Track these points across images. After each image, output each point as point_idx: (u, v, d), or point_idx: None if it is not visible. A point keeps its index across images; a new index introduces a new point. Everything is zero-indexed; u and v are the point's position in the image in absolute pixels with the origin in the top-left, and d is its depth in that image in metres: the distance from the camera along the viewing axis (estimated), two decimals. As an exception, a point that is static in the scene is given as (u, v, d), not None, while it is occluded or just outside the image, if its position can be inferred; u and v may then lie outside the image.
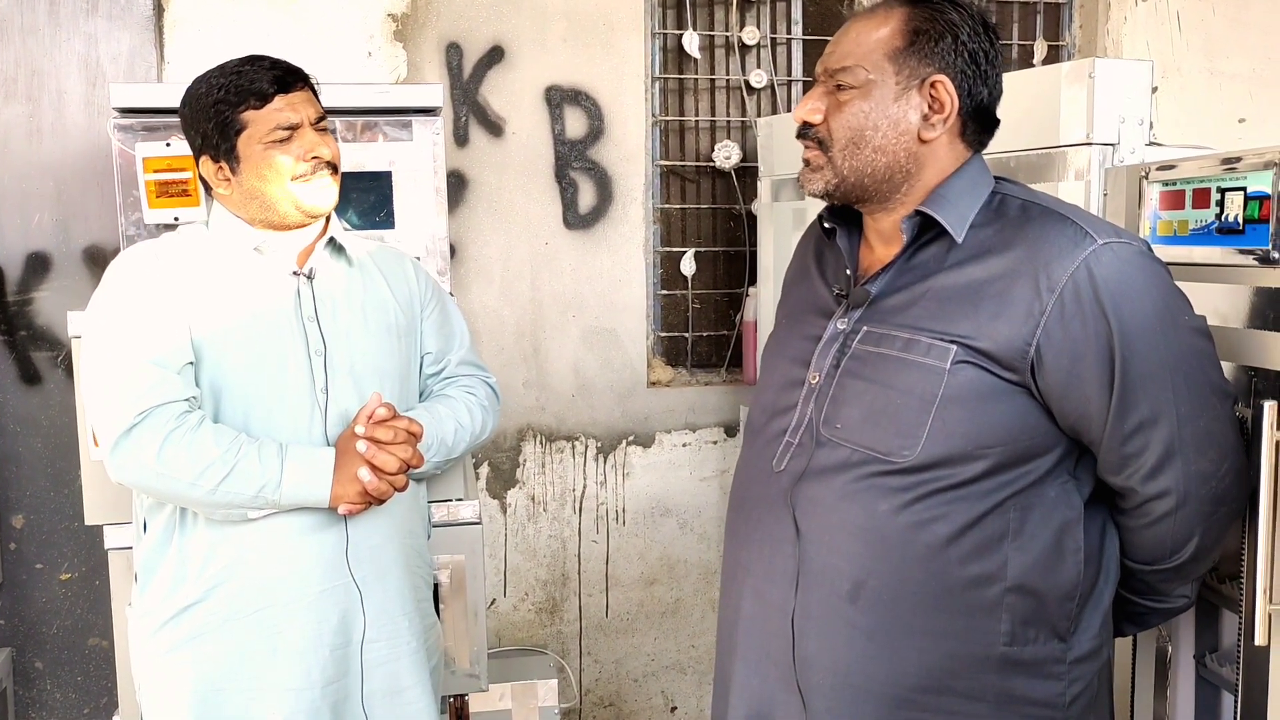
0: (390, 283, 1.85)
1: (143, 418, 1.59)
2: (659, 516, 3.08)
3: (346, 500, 1.66)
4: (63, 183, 2.65)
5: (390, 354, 1.80)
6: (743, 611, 1.46)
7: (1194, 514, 1.32)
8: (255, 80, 1.66)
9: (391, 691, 1.79)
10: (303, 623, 1.69)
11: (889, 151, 1.34)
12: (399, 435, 1.69)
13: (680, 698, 3.17)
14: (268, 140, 1.66)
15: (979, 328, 1.28)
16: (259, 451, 1.63)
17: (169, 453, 1.58)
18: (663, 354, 3.12)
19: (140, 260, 1.71)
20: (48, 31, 2.62)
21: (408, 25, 2.76)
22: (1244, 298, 1.43)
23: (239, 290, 1.70)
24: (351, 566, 1.73)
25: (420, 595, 1.86)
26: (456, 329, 1.97)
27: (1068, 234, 1.28)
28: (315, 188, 1.70)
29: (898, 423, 1.31)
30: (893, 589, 1.32)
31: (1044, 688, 1.35)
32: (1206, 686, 1.61)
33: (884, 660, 1.33)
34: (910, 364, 1.31)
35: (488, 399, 1.95)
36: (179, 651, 1.69)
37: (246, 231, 1.73)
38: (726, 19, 3.05)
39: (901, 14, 1.34)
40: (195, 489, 1.60)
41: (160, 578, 1.71)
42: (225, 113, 1.66)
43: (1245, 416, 1.40)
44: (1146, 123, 1.73)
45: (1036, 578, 1.32)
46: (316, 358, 1.71)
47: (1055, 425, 1.31)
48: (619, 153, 2.94)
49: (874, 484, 1.32)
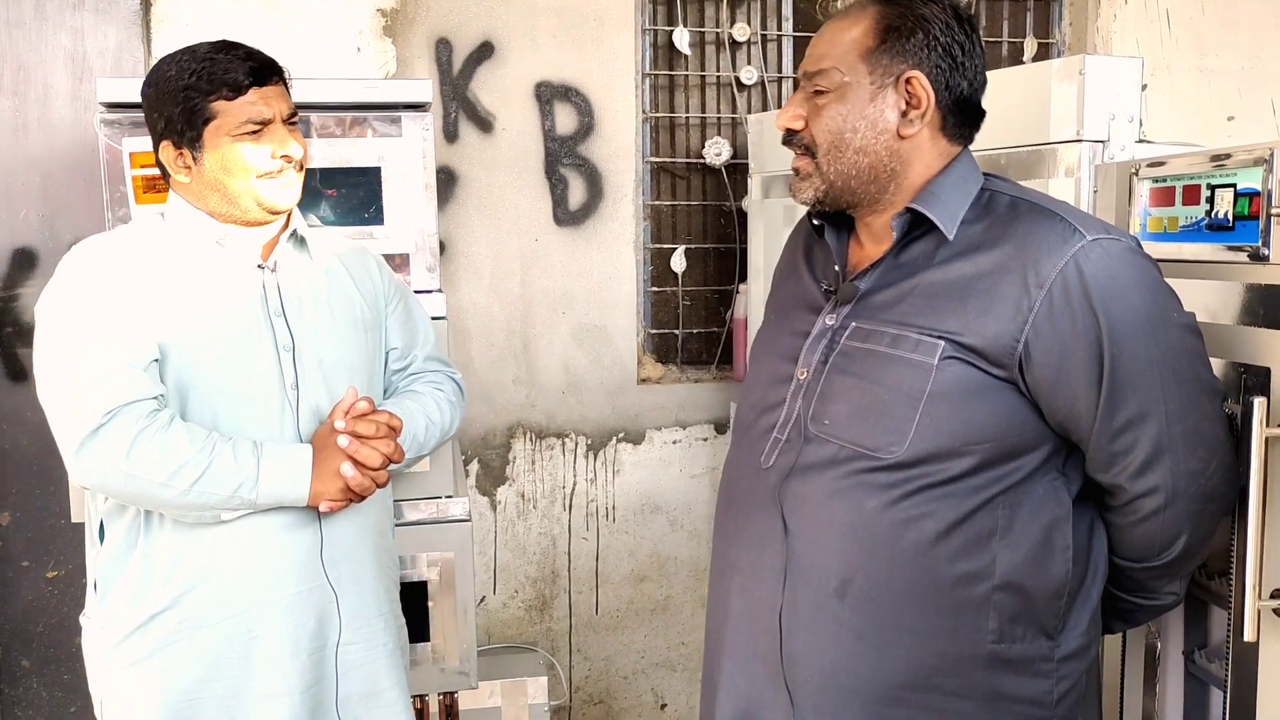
0: (354, 277, 1.81)
1: (110, 417, 1.52)
2: (649, 513, 3.08)
3: (328, 497, 1.62)
4: (49, 178, 2.64)
5: (357, 349, 1.76)
6: (730, 609, 1.46)
7: (1183, 511, 1.32)
8: (230, 70, 1.60)
9: (369, 694, 1.75)
10: (279, 627, 1.64)
11: (871, 152, 1.34)
12: (380, 429, 1.66)
13: (670, 695, 3.17)
14: (237, 133, 1.60)
15: (967, 324, 1.28)
16: (234, 450, 1.57)
17: (139, 453, 1.51)
18: (653, 351, 3.12)
19: (97, 253, 1.63)
20: (34, 25, 2.60)
21: (397, 21, 2.75)
22: (1234, 294, 1.43)
23: (203, 284, 1.64)
24: (326, 568, 1.69)
25: (392, 595, 1.83)
26: (420, 325, 1.93)
27: (1056, 230, 1.28)
28: (280, 186, 1.64)
29: (885, 419, 1.30)
30: (880, 586, 1.32)
31: (1032, 685, 1.35)
32: (1195, 683, 1.61)
33: (871, 658, 1.33)
34: (898, 360, 1.31)
35: (454, 395, 1.92)
36: (147, 663, 1.63)
37: (208, 224, 1.66)
38: (717, 15, 3.05)
39: (873, 13, 1.34)
40: (167, 490, 1.53)
41: (123, 585, 1.63)
42: (195, 99, 1.59)
43: (1235, 413, 1.40)
44: (1137, 120, 1.73)
45: (1024, 575, 1.32)
46: (285, 353, 1.66)
47: (1044, 422, 1.31)
48: (609, 149, 2.93)
49: (862, 480, 1.31)
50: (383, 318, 1.85)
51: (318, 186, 2.19)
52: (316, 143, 2.18)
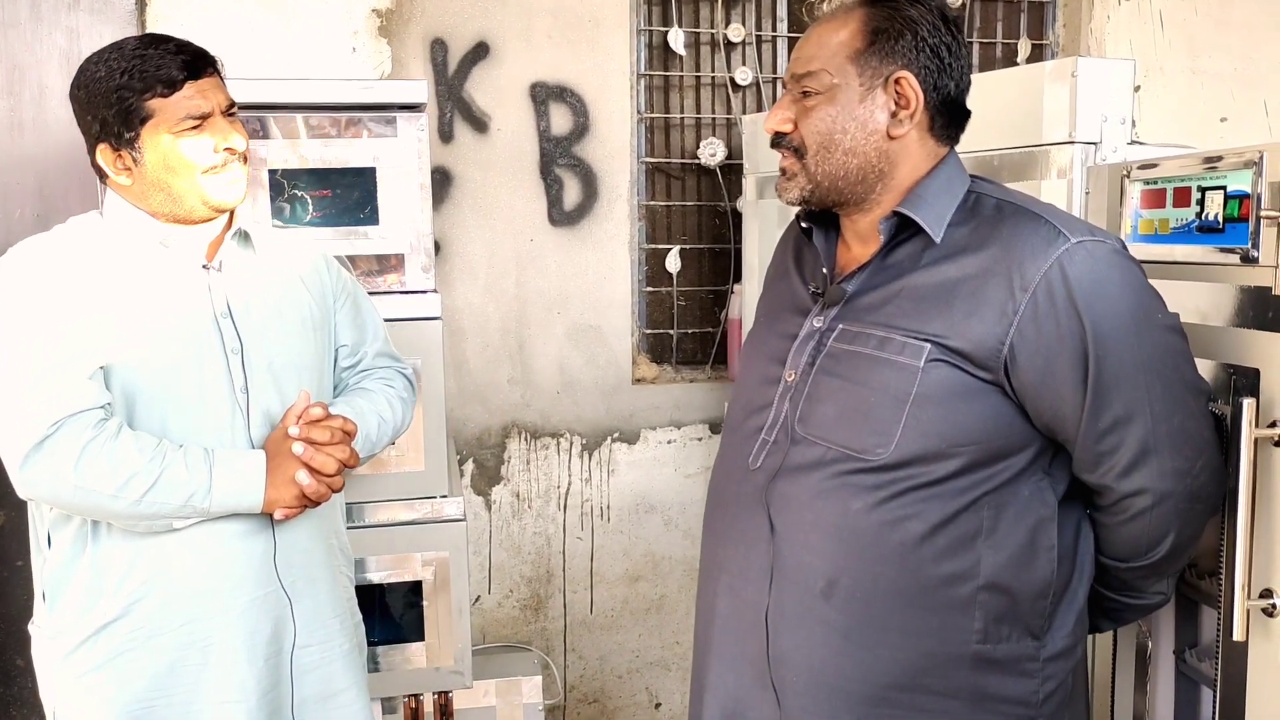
0: (301, 275, 1.76)
1: (56, 428, 1.47)
2: (644, 513, 3.08)
3: (282, 505, 1.59)
4: (44, 177, 2.64)
5: (307, 349, 1.72)
6: (718, 608, 1.46)
7: (1170, 511, 1.33)
8: (163, 65, 1.53)
9: (325, 696, 1.73)
10: (234, 634, 1.61)
11: (860, 153, 1.35)
12: (335, 435, 1.63)
13: (664, 694, 3.17)
14: (177, 130, 1.54)
15: (953, 326, 1.29)
16: (185, 458, 1.53)
17: (87, 464, 1.47)
18: (648, 351, 3.12)
19: (35, 257, 1.57)
20: (29, 25, 2.60)
21: (392, 21, 2.75)
22: (1224, 296, 1.44)
23: (146, 288, 1.59)
24: (280, 572, 1.66)
25: (347, 594, 1.81)
26: (370, 320, 1.90)
27: (1041, 233, 1.28)
28: (226, 180, 1.60)
29: (871, 421, 1.31)
30: (866, 587, 1.32)
31: (1017, 685, 1.35)
32: (1186, 682, 1.62)
33: (857, 658, 1.33)
34: (884, 362, 1.31)
35: (406, 390, 1.89)
36: (99, 672, 1.58)
37: (150, 224, 1.61)
38: (712, 16, 3.06)
39: (860, 15, 1.35)
40: (118, 501, 1.49)
41: (71, 595, 1.59)
42: (129, 99, 1.53)
43: (1225, 414, 1.41)
44: (1129, 121, 1.73)
45: (1009, 576, 1.32)
46: (234, 356, 1.62)
47: (1030, 424, 1.31)
48: (604, 149, 2.94)
49: (848, 482, 1.32)
50: (331, 315, 1.82)
51: (313, 187, 2.19)
52: (311, 143, 2.18)
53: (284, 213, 2.18)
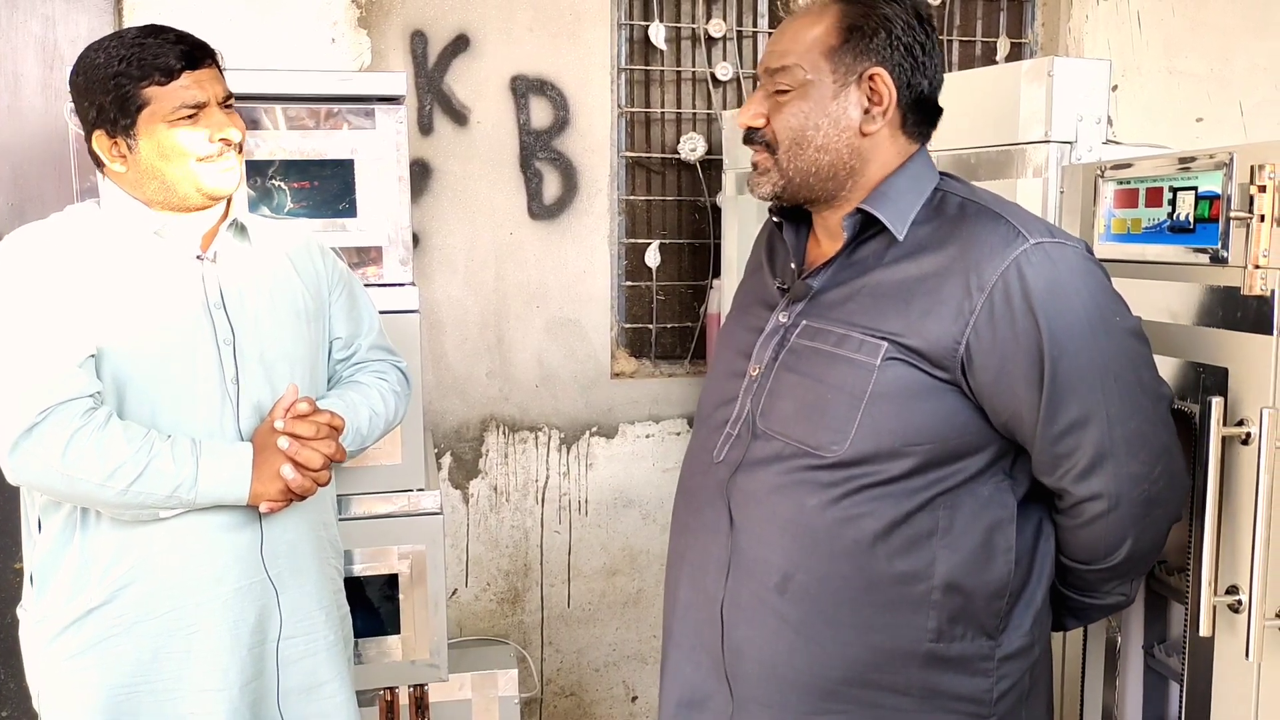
0: (297, 266, 1.77)
1: (44, 416, 1.48)
2: (621, 507, 3.09)
3: (267, 498, 1.60)
4: (18, 167, 2.61)
5: (300, 340, 1.73)
6: (679, 599, 1.48)
7: (1126, 516, 1.32)
8: (161, 55, 1.55)
9: (309, 687, 1.74)
10: (218, 622, 1.63)
11: (832, 149, 1.35)
12: (321, 430, 1.64)
13: (641, 687, 3.18)
14: (173, 119, 1.56)
15: (909, 325, 1.29)
16: (172, 449, 1.54)
17: (75, 453, 1.49)
18: (626, 345, 3.12)
19: (29, 245, 1.58)
20: (4, 13, 2.57)
21: (372, 12, 2.74)
22: (1194, 295, 1.45)
23: (140, 276, 1.60)
24: (266, 563, 1.67)
25: (335, 586, 1.82)
26: (365, 313, 1.91)
27: (1000, 233, 1.28)
28: (220, 170, 1.61)
29: (828, 417, 1.31)
30: (820, 583, 1.33)
31: (970, 684, 1.36)
32: (1155, 676, 1.64)
33: (810, 652, 1.34)
34: (842, 359, 1.32)
35: (399, 384, 1.90)
36: (84, 656, 1.61)
37: (145, 213, 1.62)
38: (693, 11, 3.06)
39: (835, 11, 1.35)
40: (104, 490, 1.51)
41: (60, 580, 1.61)
42: (126, 87, 1.54)
43: (1193, 412, 1.42)
44: (1104, 121, 1.75)
45: (965, 576, 1.32)
46: (225, 347, 1.63)
47: (989, 425, 1.32)
48: (584, 144, 2.94)
49: (804, 478, 1.33)
50: (326, 307, 1.82)
51: (291, 179, 2.18)
52: (289, 135, 2.17)
53: (262, 203, 2.17)
